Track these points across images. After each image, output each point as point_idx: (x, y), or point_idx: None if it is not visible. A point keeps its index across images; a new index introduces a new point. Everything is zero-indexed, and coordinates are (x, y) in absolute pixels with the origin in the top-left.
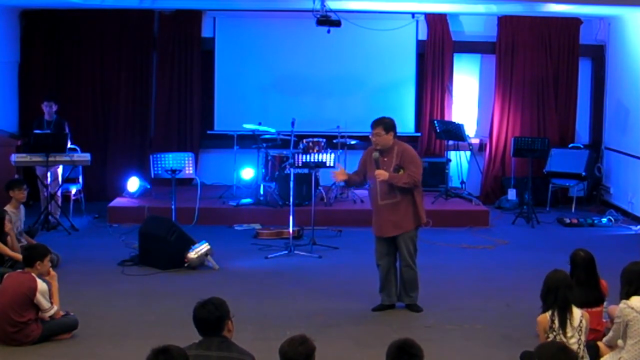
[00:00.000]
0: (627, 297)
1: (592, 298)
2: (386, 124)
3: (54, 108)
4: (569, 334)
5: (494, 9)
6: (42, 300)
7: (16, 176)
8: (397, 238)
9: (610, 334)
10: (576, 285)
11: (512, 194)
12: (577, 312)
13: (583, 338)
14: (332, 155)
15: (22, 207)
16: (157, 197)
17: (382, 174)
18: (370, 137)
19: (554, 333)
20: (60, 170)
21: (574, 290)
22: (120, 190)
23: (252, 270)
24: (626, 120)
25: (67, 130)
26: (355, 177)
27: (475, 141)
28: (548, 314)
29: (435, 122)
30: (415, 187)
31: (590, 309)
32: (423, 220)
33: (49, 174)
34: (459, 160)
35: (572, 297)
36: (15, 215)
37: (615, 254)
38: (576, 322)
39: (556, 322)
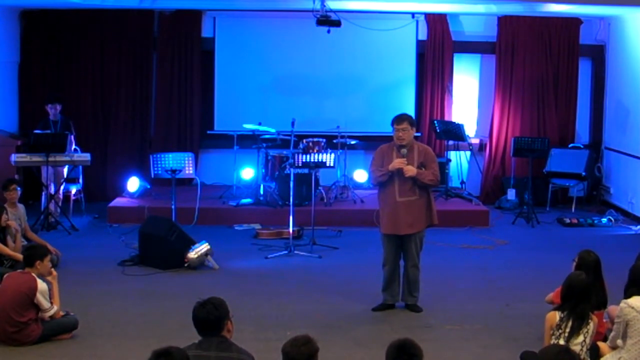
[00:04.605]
0: (629, 296)
1: (598, 301)
2: (411, 120)
3: (59, 108)
4: (575, 336)
5: (494, 9)
6: (42, 300)
7: (16, 176)
8: (408, 237)
9: (613, 333)
10: None
11: (512, 194)
12: (588, 316)
13: (588, 341)
14: (332, 155)
15: (21, 206)
16: (157, 197)
17: (411, 170)
18: (394, 133)
19: (560, 331)
20: (65, 170)
21: (592, 296)
22: (120, 190)
23: (252, 270)
24: (626, 120)
25: (73, 130)
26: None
27: (475, 141)
28: (558, 313)
29: (435, 122)
30: (436, 185)
31: (594, 312)
32: (435, 221)
33: (52, 174)
34: (459, 160)
35: (591, 302)
36: (14, 214)
37: (615, 254)
38: (585, 326)
39: (566, 323)
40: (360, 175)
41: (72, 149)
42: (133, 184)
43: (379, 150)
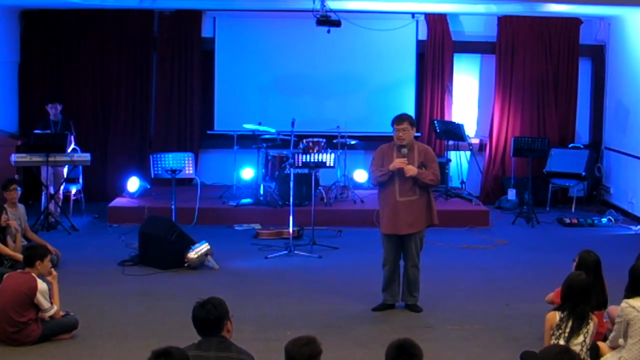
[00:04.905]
0: (629, 296)
1: (598, 302)
2: (411, 119)
3: (59, 108)
4: (575, 336)
5: (494, 9)
6: (42, 300)
7: (16, 176)
8: (408, 237)
9: (613, 333)
10: None
11: (512, 194)
12: (588, 317)
13: (588, 341)
14: (332, 155)
15: (21, 206)
16: (157, 197)
17: (412, 169)
18: (395, 133)
19: (560, 331)
20: (65, 170)
21: (592, 296)
22: (120, 190)
23: (252, 270)
24: (626, 120)
25: (73, 130)
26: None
27: (475, 141)
28: (558, 313)
29: (435, 122)
30: (437, 185)
31: (595, 312)
32: (436, 220)
33: (52, 174)
34: (459, 160)
35: (591, 302)
36: (14, 214)
37: (615, 254)
38: (585, 326)
39: (566, 323)
40: (360, 175)
41: (71, 149)
42: (133, 184)
43: (379, 150)
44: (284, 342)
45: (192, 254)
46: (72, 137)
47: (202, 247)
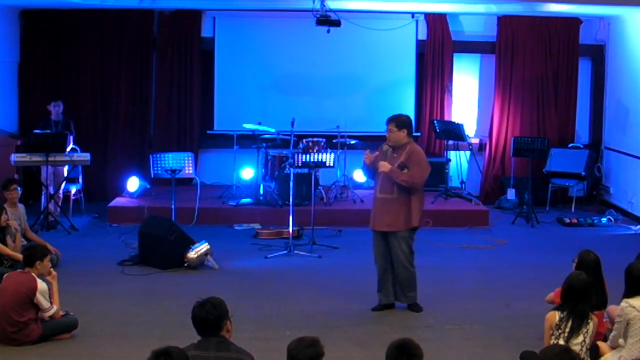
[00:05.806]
0: (629, 296)
1: (598, 302)
2: (399, 121)
3: (62, 108)
4: (575, 336)
5: (494, 9)
6: (42, 300)
7: (16, 176)
8: (390, 237)
9: (613, 333)
10: None
11: (512, 194)
12: (588, 317)
13: (588, 341)
14: (332, 155)
15: (21, 206)
16: (157, 197)
17: (384, 166)
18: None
19: (560, 331)
20: (65, 170)
21: (593, 296)
22: (120, 190)
23: (252, 270)
24: (626, 120)
25: (73, 130)
26: (373, 165)
27: (475, 141)
28: (558, 313)
29: (435, 122)
30: (413, 188)
31: (595, 312)
32: (414, 224)
33: (52, 174)
34: (459, 160)
35: (591, 302)
36: (14, 215)
37: (615, 254)
38: (585, 326)
39: (566, 323)
40: (360, 175)
41: (69, 149)
42: (133, 184)
43: (380, 147)
44: (284, 342)
45: (192, 254)
46: (72, 137)
47: (202, 247)
